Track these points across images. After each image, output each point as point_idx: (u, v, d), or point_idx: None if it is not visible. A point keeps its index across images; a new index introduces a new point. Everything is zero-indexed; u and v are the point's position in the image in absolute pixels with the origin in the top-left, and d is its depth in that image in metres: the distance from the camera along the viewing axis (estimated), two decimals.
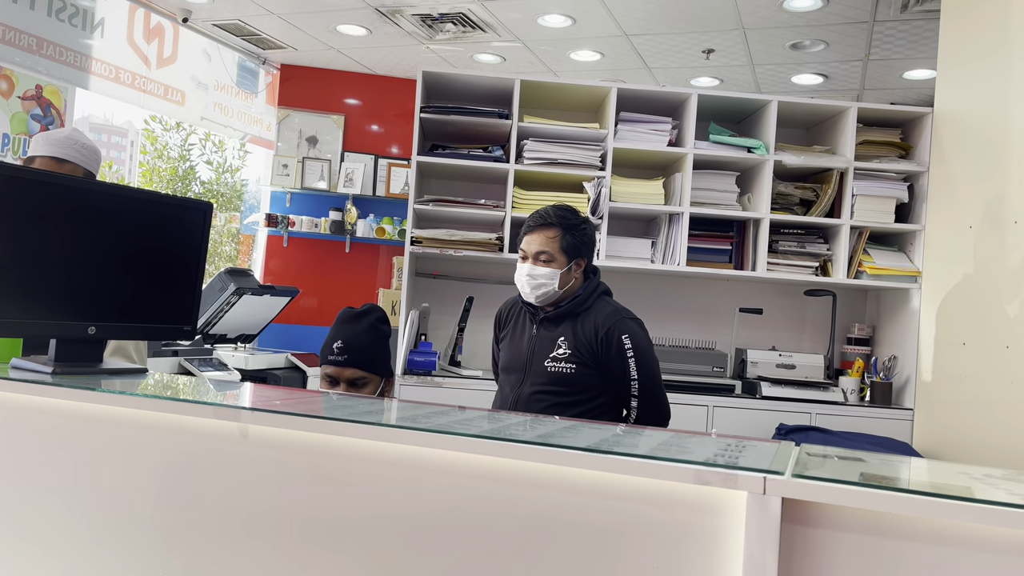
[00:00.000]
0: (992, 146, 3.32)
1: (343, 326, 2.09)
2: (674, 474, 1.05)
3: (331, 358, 2.04)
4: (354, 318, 2.10)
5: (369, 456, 1.21)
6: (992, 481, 1.11)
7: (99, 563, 1.34)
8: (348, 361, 2.03)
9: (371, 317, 2.10)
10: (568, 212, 2.33)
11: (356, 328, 2.07)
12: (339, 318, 2.12)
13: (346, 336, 2.05)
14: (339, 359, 2.03)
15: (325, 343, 2.08)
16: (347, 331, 2.06)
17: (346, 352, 2.03)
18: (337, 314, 2.15)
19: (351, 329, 2.07)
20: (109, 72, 4.61)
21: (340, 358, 2.02)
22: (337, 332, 2.07)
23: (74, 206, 1.52)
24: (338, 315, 2.14)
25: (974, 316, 3.32)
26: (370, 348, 2.07)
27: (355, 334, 2.06)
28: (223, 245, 6.26)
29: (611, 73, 5.39)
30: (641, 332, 2.28)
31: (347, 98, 5.97)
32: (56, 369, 1.46)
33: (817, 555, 1.01)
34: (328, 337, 2.09)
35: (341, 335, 2.05)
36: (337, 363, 2.03)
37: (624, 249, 3.74)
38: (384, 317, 2.16)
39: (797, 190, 3.82)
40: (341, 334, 2.06)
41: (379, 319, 2.12)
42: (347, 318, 2.10)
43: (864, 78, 5.16)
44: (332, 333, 2.08)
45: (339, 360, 2.02)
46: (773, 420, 3.52)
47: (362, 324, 2.08)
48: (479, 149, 3.75)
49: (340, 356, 2.02)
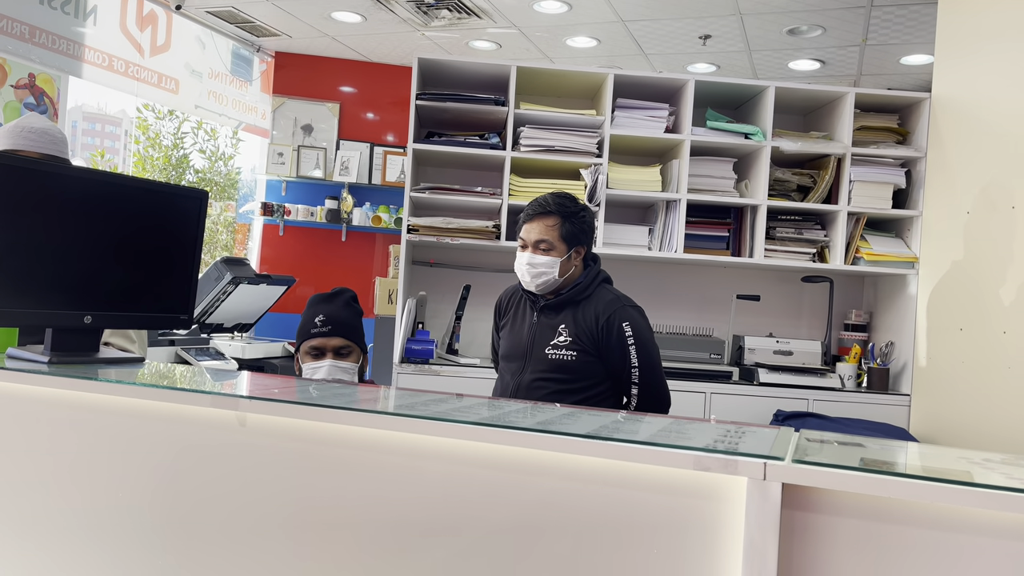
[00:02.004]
0: (990, 131, 3.31)
1: (319, 305, 2.19)
2: (674, 460, 1.05)
3: (315, 331, 2.13)
4: (328, 298, 2.20)
5: (367, 444, 1.21)
6: (991, 465, 1.11)
7: (96, 552, 1.34)
8: (333, 331, 2.13)
9: (345, 296, 2.22)
10: (567, 200, 2.32)
11: (334, 305, 2.18)
12: (312, 301, 2.22)
13: (326, 312, 2.15)
14: (323, 330, 2.13)
15: (303, 324, 2.18)
16: (325, 308, 2.17)
17: (329, 323, 2.13)
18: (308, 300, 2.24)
19: (328, 306, 2.17)
20: (102, 60, 4.58)
21: (324, 329, 2.13)
22: (315, 311, 2.17)
23: (70, 195, 1.51)
24: (309, 300, 2.23)
25: (971, 302, 3.32)
26: (351, 320, 2.19)
27: (335, 309, 2.17)
28: (219, 234, 6.23)
29: (607, 59, 5.36)
30: (642, 320, 2.28)
31: (342, 86, 5.93)
32: (52, 359, 1.46)
33: (817, 540, 1.01)
34: (305, 317, 2.18)
35: (320, 312, 2.16)
36: (322, 334, 2.13)
37: (621, 236, 3.73)
38: (356, 296, 2.27)
39: (794, 176, 3.81)
40: (320, 311, 2.16)
41: (352, 298, 2.24)
42: (321, 299, 2.21)
43: (861, 64, 5.14)
44: (309, 313, 2.18)
45: (324, 331, 2.12)
46: (770, 406, 3.53)
47: (338, 301, 2.19)
48: (475, 136, 3.73)
49: (324, 327, 2.13)
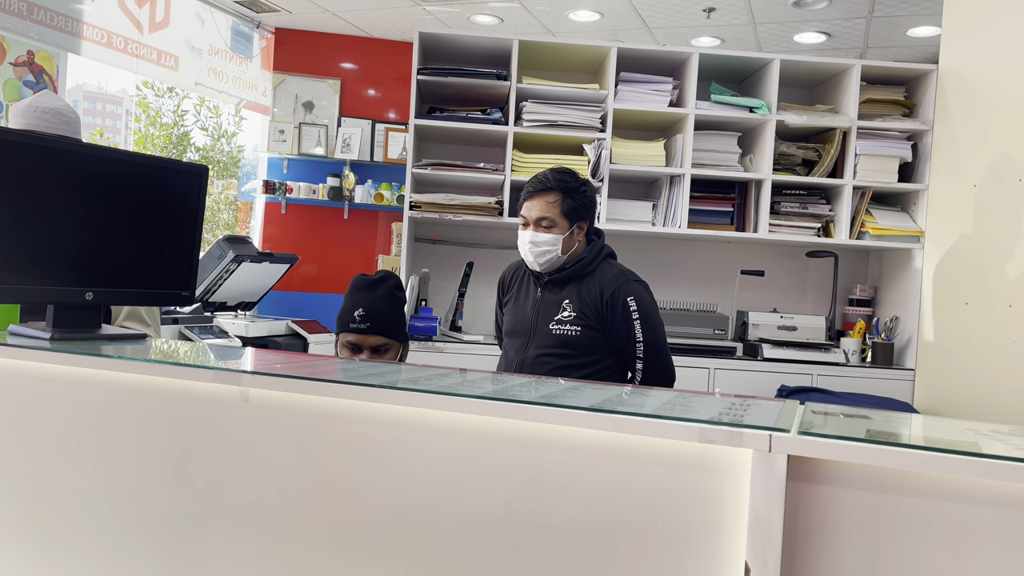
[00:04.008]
0: (998, 103, 3.27)
1: (360, 294, 2.10)
2: (679, 433, 1.05)
3: (353, 326, 2.06)
4: (371, 285, 2.11)
5: (371, 419, 1.20)
6: (999, 437, 1.10)
7: (97, 528, 1.35)
8: (371, 328, 2.05)
9: (388, 284, 2.12)
10: (567, 175, 2.30)
11: (374, 295, 2.09)
12: (355, 285, 2.13)
13: (366, 304, 2.06)
14: (361, 327, 2.05)
15: (343, 311, 2.09)
16: (366, 299, 2.08)
17: (368, 320, 2.05)
18: (351, 281, 2.15)
19: (369, 297, 2.08)
20: (101, 37, 4.54)
21: (363, 326, 2.05)
22: (356, 300, 2.08)
23: (70, 171, 1.49)
24: (353, 282, 2.14)
25: (977, 276, 3.30)
26: (390, 315, 2.10)
27: (374, 301, 2.08)
28: (221, 213, 6.21)
29: (611, 33, 5.30)
30: (646, 294, 2.27)
31: (343, 62, 5.88)
32: (54, 335, 1.45)
33: (823, 512, 1.01)
34: (346, 305, 2.10)
35: (360, 303, 2.07)
36: (360, 331, 2.05)
37: (625, 212, 3.71)
38: (400, 284, 2.18)
39: (799, 150, 3.78)
40: (360, 302, 2.07)
41: (396, 286, 2.15)
42: (364, 285, 2.11)
43: (868, 36, 5.08)
44: (350, 301, 2.09)
45: (362, 328, 2.05)
46: (774, 382, 3.52)
47: (380, 291, 2.10)
48: (477, 112, 3.70)
49: (363, 324, 2.05)
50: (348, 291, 2.12)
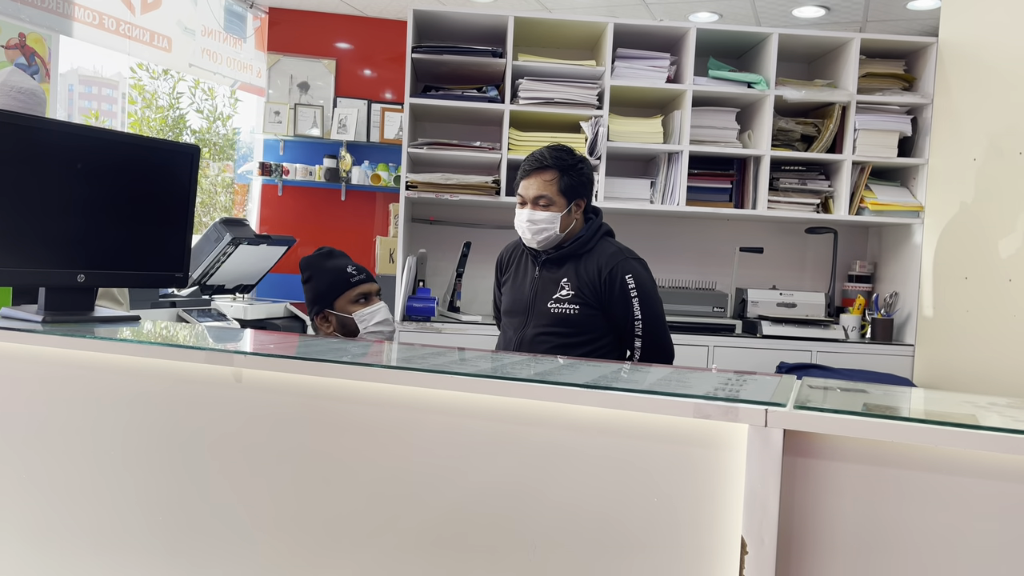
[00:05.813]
0: (998, 76, 3.24)
1: (337, 259, 2.23)
2: (674, 408, 1.04)
3: (355, 279, 2.18)
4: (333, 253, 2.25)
5: (366, 398, 1.20)
6: (997, 409, 1.09)
7: (91, 509, 1.34)
8: (369, 278, 2.21)
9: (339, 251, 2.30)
10: (564, 152, 2.28)
11: (345, 258, 2.25)
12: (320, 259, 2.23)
13: (347, 262, 2.22)
14: (362, 277, 2.20)
15: (334, 279, 2.18)
16: (343, 260, 2.23)
17: (363, 272, 2.21)
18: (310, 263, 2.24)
19: (343, 259, 2.23)
20: (92, 19, 4.49)
21: (362, 276, 2.20)
22: (339, 263, 2.21)
23: (60, 152, 1.48)
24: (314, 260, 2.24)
25: (977, 250, 3.29)
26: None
27: (347, 260, 2.24)
28: (218, 195, 6.18)
29: (607, 9, 5.25)
30: (645, 272, 2.26)
31: (338, 42, 5.83)
32: (47, 318, 1.44)
33: (819, 487, 1.00)
34: (331, 274, 2.19)
35: (343, 263, 2.21)
36: (362, 281, 2.19)
37: (623, 190, 3.69)
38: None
39: (798, 126, 3.75)
40: (344, 263, 2.21)
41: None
42: (327, 254, 2.24)
43: (867, 9, 5.03)
44: (332, 268, 2.20)
45: (362, 278, 2.20)
46: (774, 359, 3.52)
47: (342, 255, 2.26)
48: (473, 90, 3.67)
49: (361, 274, 2.20)
50: (317, 268, 2.21)
